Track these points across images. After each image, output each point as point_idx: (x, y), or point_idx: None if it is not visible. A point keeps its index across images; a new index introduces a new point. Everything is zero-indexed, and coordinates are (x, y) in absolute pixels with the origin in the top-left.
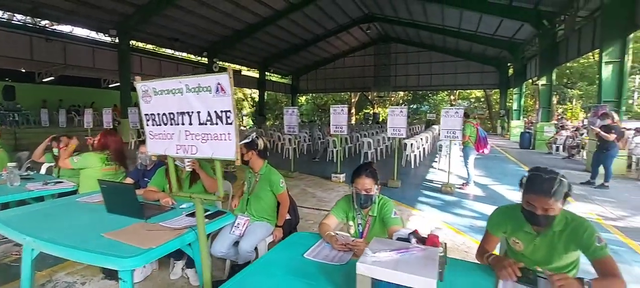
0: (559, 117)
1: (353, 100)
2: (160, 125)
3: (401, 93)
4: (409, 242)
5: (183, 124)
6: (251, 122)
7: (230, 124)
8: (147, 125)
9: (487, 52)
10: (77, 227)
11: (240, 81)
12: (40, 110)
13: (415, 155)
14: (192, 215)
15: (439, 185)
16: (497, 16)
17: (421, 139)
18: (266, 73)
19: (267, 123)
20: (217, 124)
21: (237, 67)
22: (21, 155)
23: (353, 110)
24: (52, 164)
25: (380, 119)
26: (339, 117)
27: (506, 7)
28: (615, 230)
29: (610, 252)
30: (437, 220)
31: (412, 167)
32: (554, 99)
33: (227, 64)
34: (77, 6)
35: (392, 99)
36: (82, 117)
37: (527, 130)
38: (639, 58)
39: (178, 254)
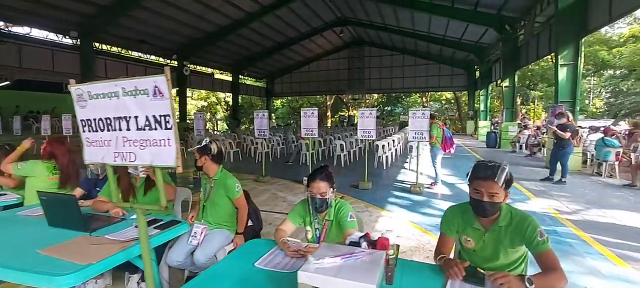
0: (522, 117)
1: (329, 103)
2: (97, 131)
3: (375, 95)
4: (360, 245)
5: (120, 129)
6: (226, 126)
7: (170, 128)
8: (84, 131)
9: (455, 56)
10: (13, 244)
11: (213, 84)
12: None
13: (387, 157)
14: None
15: (409, 186)
16: (463, 21)
17: (393, 140)
18: (240, 76)
19: (242, 127)
20: (156, 129)
21: (210, 70)
22: None
23: (329, 113)
24: None
25: (355, 121)
26: (310, 120)
27: (471, 13)
28: (570, 223)
29: (551, 246)
30: (405, 221)
31: (384, 168)
32: (518, 100)
33: (198, 67)
34: (35, 6)
35: (367, 101)
36: (40, 124)
37: (493, 130)
38: (592, 61)
39: (133, 268)
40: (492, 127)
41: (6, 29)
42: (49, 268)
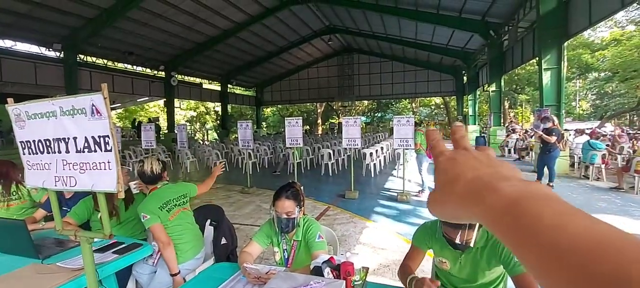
0: (510, 121)
1: (319, 111)
2: (36, 153)
3: (365, 102)
4: (322, 272)
5: (60, 151)
6: (215, 136)
7: (110, 150)
8: (24, 154)
9: (443, 61)
10: None
11: (201, 94)
12: None
13: (374, 165)
14: (101, 250)
15: (396, 194)
16: (449, 27)
17: (381, 147)
18: (229, 86)
19: (231, 136)
20: (95, 150)
21: (198, 80)
22: None
23: (319, 121)
24: None
25: None
26: (294, 130)
27: (457, 19)
28: None
29: None
30: (390, 231)
31: (372, 176)
32: (506, 104)
33: (187, 77)
34: (17, 19)
35: (358, 108)
36: None
37: (482, 135)
38: (576, 64)
39: None
40: (482, 131)
41: None
42: None
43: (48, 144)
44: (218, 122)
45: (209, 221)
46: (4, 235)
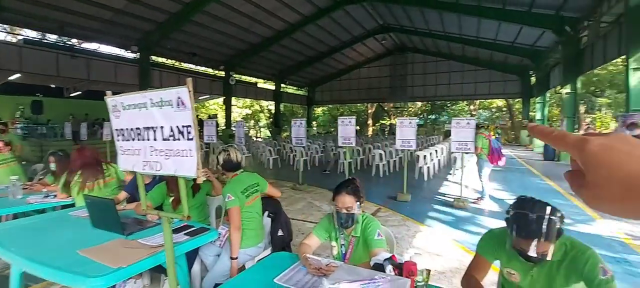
0: (587, 127)
1: (370, 111)
2: (128, 140)
3: (418, 103)
4: (384, 269)
5: (148, 139)
6: (268, 133)
7: (191, 139)
8: (118, 140)
9: (508, 60)
10: (57, 243)
11: (256, 93)
12: (64, 124)
13: (428, 168)
14: (175, 231)
15: (452, 200)
16: (516, 23)
17: (436, 150)
18: (282, 85)
19: (283, 134)
20: (179, 139)
21: (254, 79)
22: (36, 166)
23: (370, 121)
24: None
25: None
26: (347, 129)
27: (526, 14)
28: None
29: (617, 285)
30: (446, 238)
31: (425, 180)
32: (581, 108)
33: (244, 76)
34: (103, 25)
35: (410, 109)
36: (103, 130)
37: None
38: None
39: None
40: None
41: (78, 45)
42: (83, 269)
43: (139, 132)
44: (271, 120)
45: (267, 212)
46: (97, 211)
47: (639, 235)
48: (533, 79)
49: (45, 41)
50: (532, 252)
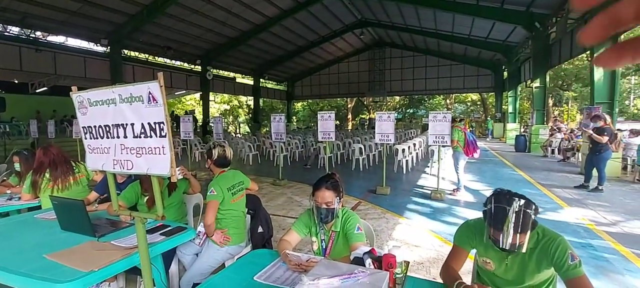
0: (555, 120)
1: (349, 106)
2: (97, 138)
3: (397, 98)
4: (364, 263)
5: (118, 136)
6: (247, 129)
7: (164, 136)
8: (85, 138)
9: (481, 55)
10: (23, 247)
11: (234, 88)
12: (29, 121)
13: (407, 161)
14: (150, 231)
15: (430, 192)
16: (489, 19)
17: (414, 144)
18: (261, 80)
19: (263, 130)
20: (151, 136)
21: (232, 74)
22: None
23: (349, 116)
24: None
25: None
26: (327, 124)
27: (498, 10)
28: (607, 236)
29: (585, 270)
30: (424, 229)
31: (404, 172)
32: (550, 102)
33: (221, 71)
34: (69, 17)
35: (389, 103)
36: (73, 127)
37: (523, 133)
38: None
39: None
40: (522, 130)
41: (43, 38)
42: (52, 274)
43: (108, 130)
44: (250, 115)
45: (246, 210)
46: (65, 213)
47: (602, 221)
48: (505, 74)
49: (6, 34)
50: (508, 244)
